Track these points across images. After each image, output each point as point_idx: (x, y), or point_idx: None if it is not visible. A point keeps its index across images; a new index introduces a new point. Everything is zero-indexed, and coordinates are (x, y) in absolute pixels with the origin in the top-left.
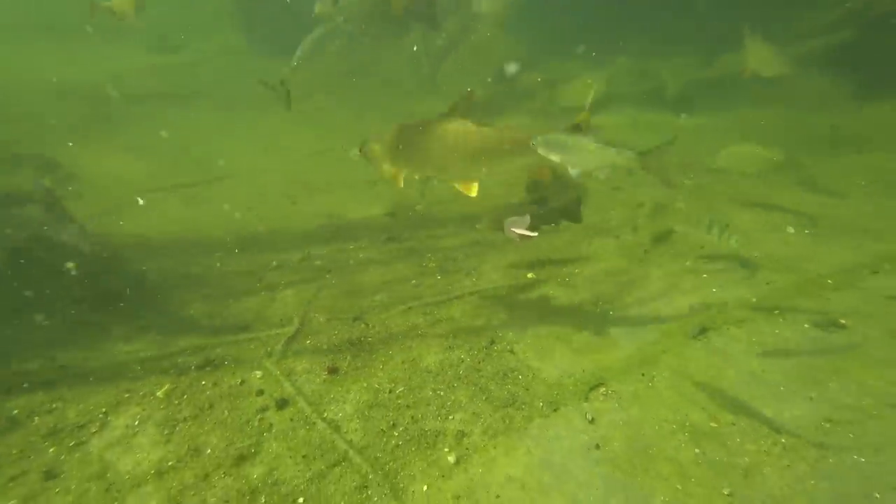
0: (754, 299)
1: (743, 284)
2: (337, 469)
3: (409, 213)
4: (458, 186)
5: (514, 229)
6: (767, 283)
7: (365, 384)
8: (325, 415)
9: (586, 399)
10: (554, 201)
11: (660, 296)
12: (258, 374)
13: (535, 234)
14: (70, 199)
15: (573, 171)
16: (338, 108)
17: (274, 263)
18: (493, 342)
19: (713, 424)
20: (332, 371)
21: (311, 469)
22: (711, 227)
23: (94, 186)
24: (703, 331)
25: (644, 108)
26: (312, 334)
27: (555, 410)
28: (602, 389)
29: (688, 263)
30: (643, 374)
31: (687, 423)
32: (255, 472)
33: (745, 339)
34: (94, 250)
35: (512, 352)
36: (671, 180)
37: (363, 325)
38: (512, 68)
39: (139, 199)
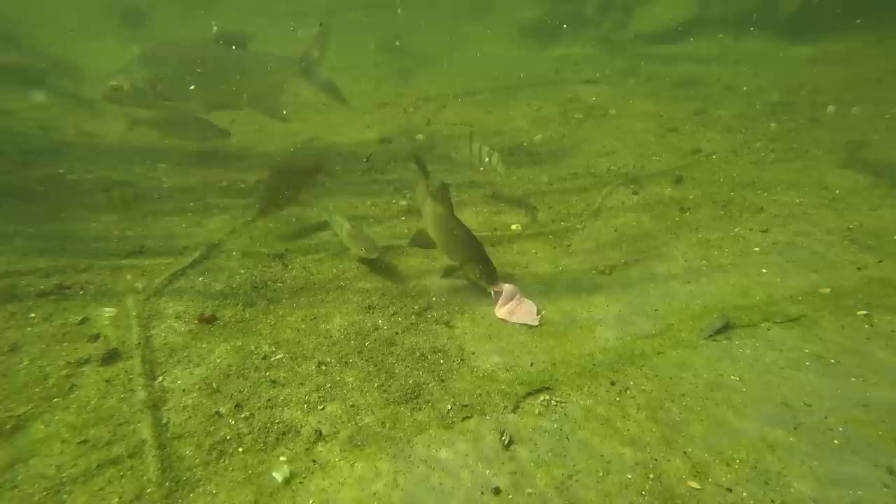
0: (827, 290)
1: (809, 269)
2: (111, 470)
3: (408, 141)
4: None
5: (510, 310)
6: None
7: (239, 343)
8: (159, 380)
9: (515, 409)
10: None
11: (681, 273)
12: (109, 312)
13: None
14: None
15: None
16: (373, 27)
17: (224, 183)
18: (428, 308)
19: (693, 486)
20: (207, 320)
21: (76, 464)
22: None
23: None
24: (725, 328)
25: (744, 32)
26: (212, 270)
27: (464, 419)
28: (544, 397)
29: (737, 230)
30: (613, 384)
31: (651, 480)
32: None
33: (791, 346)
34: (41, 142)
35: (448, 325)
36: None
37: (280, 267)
38: None
39: None
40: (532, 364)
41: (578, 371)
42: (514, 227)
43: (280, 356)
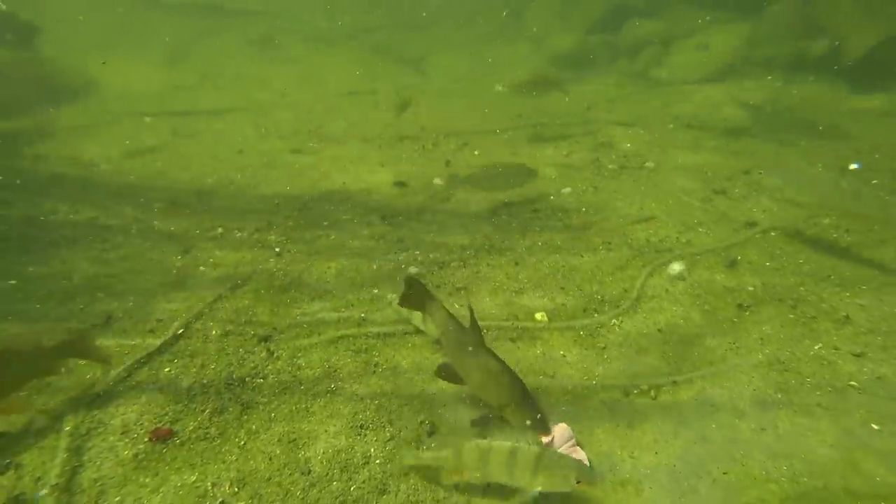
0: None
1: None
2: None
3: (424, 185)
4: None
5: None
6: None
7: (193, 478)
8: None
9: None
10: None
11: (750, 410)
12: (39, 423)
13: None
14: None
15: None
16: (402, 45)
17: (219, 231)
18: (432, 432)
19: None
20: (161, 437)
21: None
22: None
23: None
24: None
25: (798, 75)
26: (183, 356)
27: None
28: None
29: None
30: None
31: None
32: None
33: None
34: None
35: None
36: None
37: (264, 354)
38: (618, 15)
39: (122, 118)
40: None
41: None
42: (538, 316)
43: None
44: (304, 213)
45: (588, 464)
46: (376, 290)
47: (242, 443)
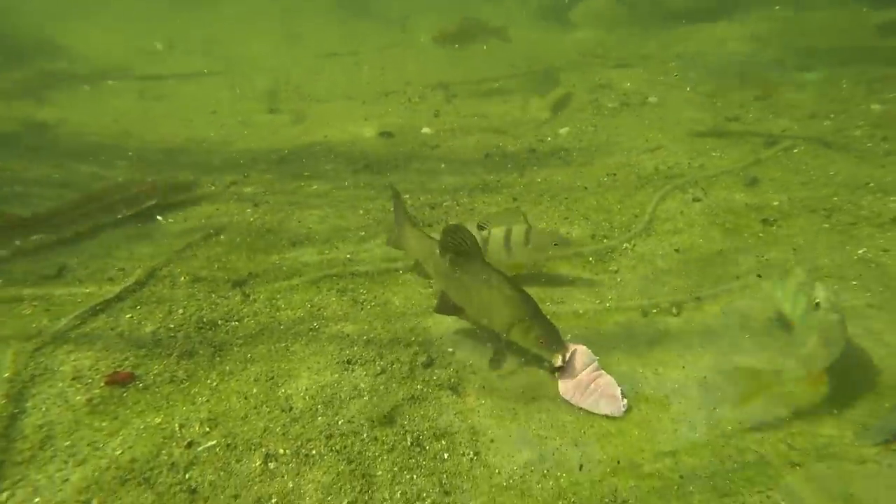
0: None
1: None
2: None
3: (412, 135)
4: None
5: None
6: None
7: (158, 420)
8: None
9: None
10: None
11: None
12: None
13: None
14: None
15: None
16: (387, 5)
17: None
18: (429, 364)
19: None
20: (120, 381)
21: None
22: None
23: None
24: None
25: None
26: (147, 303)
27: None
28: None
29: None
30: None
31: None
32: None
33: None
34: None
35: (456, 391)
36: None
37: (239, 298)
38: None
39: (86, 85)
40: (582, 467)
41: (658, 490)
42: None
43: (212, 443)
44: (283, 166)
45: (618, 389)
46: (363, 233)
47: (214, 384)
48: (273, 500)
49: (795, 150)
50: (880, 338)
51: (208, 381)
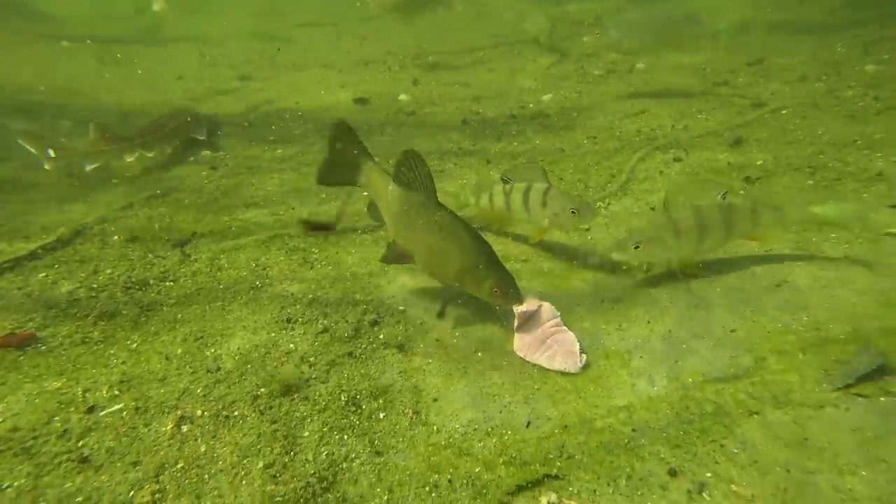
0: None
1: None
2: None
3: (388, 102)
4: None
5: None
6: None
7: (57, 384)
8: None
9: None
10: None
11: (765, 272)
12: None
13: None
14: None
15: None
16: None
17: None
18: (376, 323)
19: None
20: (16, 343)
21: None
22: None
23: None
24: (879, 372)
25: None
26: (69, 262)
27: None
28: (547, 499)
29: None
30: (672, 475)
31: None
32: None
33: None
34: None
35: (402, 349)
36: None
37: (178, 258)
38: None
39: (34, 41)
40: (529, 424)
41: (607, 444)
42: None
43: (118, 407)
44: (248, 130)
45: (577, 345)
46: (324, 195)
47: (135, 345)
48: (179, 465)
49: (784, 112)
50: (854, 286)
51: (128, 343)
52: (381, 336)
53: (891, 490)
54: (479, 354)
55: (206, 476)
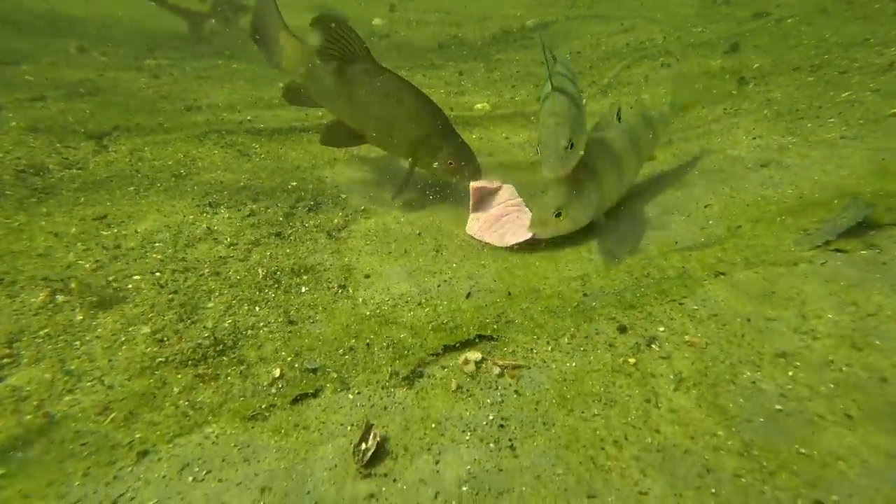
0: None
1: None
2: None
3: (361, 27)
4: None
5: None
6: None
7: None
8: None
9: (412, 379)
10: None
11: (749, 155)
12: None
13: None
14: None
15: None
16: None
17: (72, 51)
18: (313, 207)
19: None
20: None
21: None
22: None
23: None
24: (863, 226)
25: None
26: None
27: (298, 401)
28: (472, 354)
29: None
30: (622, 331)
31: None
32: None
33: None
34: None
35: (337, 233)
36: None
37: (92, 148)
38: None
39: None
40: (469, 296)
41: (553, 308)
42: (479, 106)
43: None
44: (201, 46)
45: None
46: (276, 102)
47: (18, 224)
48: (45, 331)
49: (789, 20)
50: (848, 161)
51: (9, 222)
52: (317, 221)
53: (854, 327)
54: (424, 237)
55: (78, 343)
